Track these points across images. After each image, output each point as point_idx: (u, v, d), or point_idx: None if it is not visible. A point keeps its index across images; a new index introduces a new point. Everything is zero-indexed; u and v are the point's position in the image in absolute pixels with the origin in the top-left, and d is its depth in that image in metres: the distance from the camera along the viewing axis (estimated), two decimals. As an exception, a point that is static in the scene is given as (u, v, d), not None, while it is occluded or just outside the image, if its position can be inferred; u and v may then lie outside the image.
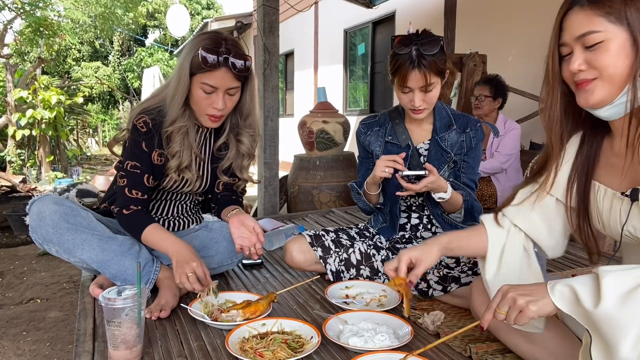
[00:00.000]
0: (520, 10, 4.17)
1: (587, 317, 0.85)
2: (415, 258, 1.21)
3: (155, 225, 1.56)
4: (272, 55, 3.60)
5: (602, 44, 0.89)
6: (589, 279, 0.87)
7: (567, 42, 0.94)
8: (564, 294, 0.89)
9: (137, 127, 1.57)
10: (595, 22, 0.89)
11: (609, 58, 0.89)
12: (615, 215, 1.02)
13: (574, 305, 0.88)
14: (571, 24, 0.93)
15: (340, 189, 3.87)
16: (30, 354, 2.21)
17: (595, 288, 0.85)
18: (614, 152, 1.02)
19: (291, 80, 9.32)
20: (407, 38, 1.61)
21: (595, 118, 0.99)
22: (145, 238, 1.55)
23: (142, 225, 1.55)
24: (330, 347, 1.29)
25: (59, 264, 3.53)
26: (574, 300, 0.88)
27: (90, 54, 20.05)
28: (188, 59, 1.51)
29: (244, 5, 19.01)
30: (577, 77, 0.94)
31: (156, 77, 8.58)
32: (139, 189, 1.59)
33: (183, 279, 1.43)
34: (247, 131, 1.72)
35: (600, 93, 0.92)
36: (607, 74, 0.90)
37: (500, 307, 0.95)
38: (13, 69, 7.15)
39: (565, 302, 0.89)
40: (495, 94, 3.17)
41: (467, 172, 1.76)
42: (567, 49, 0.95)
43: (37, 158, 7.17)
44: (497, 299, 0.97)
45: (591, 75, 0.92)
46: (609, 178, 1.04)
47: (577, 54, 0.92)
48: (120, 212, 1.58)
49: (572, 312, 0.88)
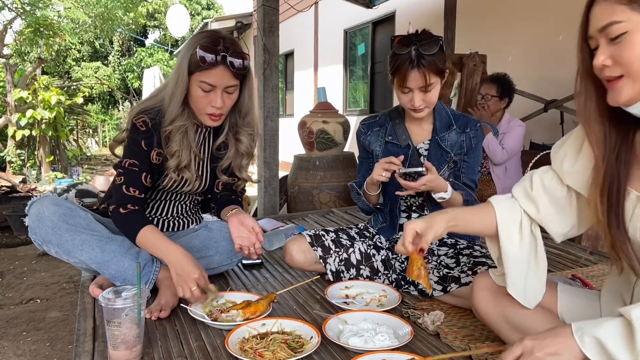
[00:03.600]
0: (520, 10, 4.17)
1: None
2: (420, 229, 1.13)
3: (151, 227, 1.54)
4: (272, 55, 3.60)
5: (626, 35, 0.84)
6: (618, 329, 0.81)
7: (592, 35, 0.90)
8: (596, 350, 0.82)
9: (137, 126, 1.57)
10: (618, 12, 0.84)
11: (634, 51, 0.83)
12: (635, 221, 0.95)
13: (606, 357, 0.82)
14: (595, 15, 0.88)
15: (340, 189, 3.87)
16: (30, 354, 2.21)
17: (629, 340, 0.79)
18: None
19: (291, 80, 9.32)
20: (407, 38, 1.61)
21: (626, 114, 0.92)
22: (140, 240, 1.53)
23: (138, 226, 1.53)
24: (330, 347, 1.29)
25: (59, 264, 3.53)
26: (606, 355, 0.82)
27: (90, 54, 20.05)
28: (186, 57, 1.51)
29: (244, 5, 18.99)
30: (603, 74, 0.89)
31: (156, 77, 8.58)
32: (136, 187, 1.58)
33: (187, 294, 1.43)
34: (246, 130, 1.72)
35: (628, 92, 0.86)
36: (634, 69, 0.84)
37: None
38: (13, 69, 7.15)
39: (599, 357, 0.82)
40: (501, 94, 3.08)
41: (467, 172, 1.76)
42: (594, 42, 0.90)
43: (37, 158, 7.17)
44: (516, 352, 0.89)
45: (617, 73, 0.87)
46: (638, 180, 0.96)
47: (602, 47, 0.88)
48: (117, 210, 1.56)
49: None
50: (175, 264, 1.47)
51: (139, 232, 1.52)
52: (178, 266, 1.46)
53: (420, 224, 1.14)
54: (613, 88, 0.89)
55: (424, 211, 1.81)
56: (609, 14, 0.85)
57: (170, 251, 1.49)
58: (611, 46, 0.86)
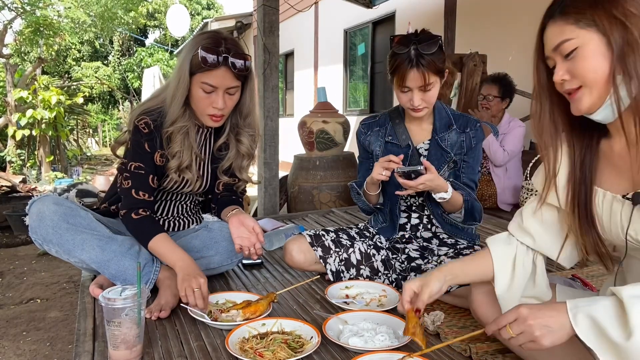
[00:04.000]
0: (520, 10, 4.17)
1: (614, 349, 0.83)
2: (417, 287, 1.18)
3: (164, 235, 1.56)
4: (272, 55, 3.60)
5: (577, 50, 0.91)
6: (610, 307, 0.84)
7: (549, 55, 0.98)
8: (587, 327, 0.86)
9: (139, 128, 1.57)
10: (567, 31, 0.92)
11: (587, 64, 0.91)
12: (615, 218, 1.00)
13: (599, 339, 0.85)
14: (547, 37, 0.96)
15: (340, 189, 3.87)
16: (30, 354, 2.21)
17: (621, 317, 0.82)
18: (615, 153, 1.01)
19: (291, 80, 9.32)
20: (406, 38, 1.61)
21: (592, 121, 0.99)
22: (152, 247, 1.55)
23: (151, 233, 1.55)
24: (330, 347, 1.29)
25: (59, 264, 3.53)
26: (598, 334, 0.85)
27: (90, 54, 20.05)
28: (188, 58, 1.51)
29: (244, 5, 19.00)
30: (563, 88, 0.96)
31: (156, 77, 8.57)
32: (145, 190, 1.59)
33: (189, 293, 1.42)
34: (247, 131, 1.72)
35: (588, 100, 0.93)
36: (589, 79, 0.92)
37: (512, 327, 0.93)
38: (13, 69, 7.15)
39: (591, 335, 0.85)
40: (503, 94, 3.07)
41: (467, 172, 1.76)
42: (552, 62, 0.98)
43: (37, 158, 7.17)
44: (509, 318, 0.94)
45: (575, 84, 0.94)
46: (609, 181, 1.03)
47: (558, 64, 0.95)
48: (128, 216, 1.57)
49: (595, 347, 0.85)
50: (183, 269, 1.47)
51: (152, 239, 1.54)
52: (185, 269, 1.47)
53: (416, 283, 1.19)
54: (574, 99, 0.96)
55: (424, 211, 1.81)
56: (559, 33, 0.93)
57: (182, 259, 1.51)
58: (566, 62, 0.94)
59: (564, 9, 0.92)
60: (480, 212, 1.72)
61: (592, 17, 0.89)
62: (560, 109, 1.02)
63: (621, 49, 0.88)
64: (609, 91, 0.91)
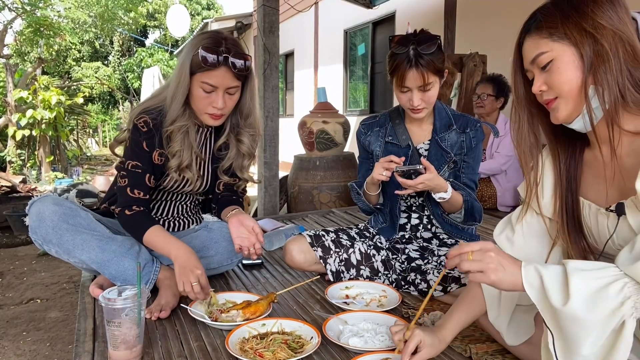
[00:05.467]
0: (520, 10, 4.14)
1: (552, 311, 0.88)
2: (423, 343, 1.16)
3: (158, 227, 1.56)
4: (272, 55, 3.60)
5: (552, 63, 0.95)
6: (558, 273, 0.89)
7: (527, 68, 1.01)
8: (533, 282, 0.91)
9: (138, 127, 1.57)
10: (542, 44, 0.96)
11: (562, 75, 0.94)
12: (603, 230, 1.02)
13: (540, 295, 0.90)
14: (525, 50, 1.00)
15: (340, 189, 3.87)
16: (30, 354, 2.21)
17: (564, 284, 0.87)
18: (599, 163, 1.02)
19: (291, 80, 9.32)
20: (405, 38, 1.61)
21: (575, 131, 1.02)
22: (147, 240, 1.54)
23: (144, 226, 1.54)
24: (330, 348, 1.29)
25: (59, 264, 3.53)
26: (541, 290, 0.90)
27: (90, 54, 20.06)
28: (188, 58, 1.51)
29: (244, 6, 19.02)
30: (542, 98, 1.00)
31: (156, 77, 8.57)
32: (140, 189, 1.59)
33: (187, 288, 1.43)
34: (248, 131, 1.72)
35: (565, 109, 0.97)
36: (565, 90, 0.95)
37: (473, 254, 0.96)
38: (13, 69, 7.15)
39: (534, 290, 0.91)
40: (497, 93, 3.17)
41: (467, 172, 1.76)
42: (531, 74, 1.01)
43: (37, 158, 7.17)
44: (474, 246, 0.97)
45: (552, 95, 0.97)
46: (593, 191, 1.05)
47: (536, 76, 0.99)
48: (122, 213, 1.57)
49: (536, 301, 0.90)
50: (180, 257, 1.47)
51: (146, 232, 1.53)
52: (182, 260, 1.47)
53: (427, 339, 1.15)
54: (551, 109, 1.00)
55: (424, 211, 1.81)
56: (535, 47, 0.97)
57: (177, 246, 1.50)
58: (543, 74, 0.97)
59: (539, 23, 0.97)
60: (480, 213, 1.72)
61: (563, 31, 0.93)
62: (541, 119, 1.06)
63: (592, 60, 0.91)
64: (584, 102, 0.94)
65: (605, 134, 0.95)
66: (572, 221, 1.07)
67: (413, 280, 1.72)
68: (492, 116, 3.22)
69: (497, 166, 3.13)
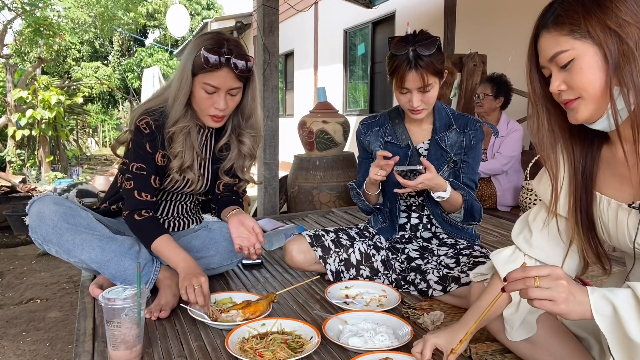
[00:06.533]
0: (520, 10, 4.17)
1: (627, 343, 0.82)
2: (440, 346, 1.15)
3: (167, 237, 1.56)
4: (272, 55, 3.60)
5: (574, 62, 0.89)
6: (631, 300, 0.82)
7: (544, 65, 0.95)
8: (604, 311, 0.84)
9: (140, 129, 1.57)
10: (562, 42, 0.89)
11: (584, 76, 0.88)
12: (622, 227, 0.98)
13: (614, 325, 0.83)
14: (542, 47, 0.94)
15: (340, 189, 3.87)
16: (30, 354, 2.21)
17: (636, 307, 0.81)
18: (618, 160, 0.99)
19: (291, 80, 9.32)
20: (404, 39, 1.60)
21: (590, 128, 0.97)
22: (156, 248, 1.56)
23: (154, 234, 1.55)
24: (330, 347, 1.29)
25: (59, 264, 3.53)
26: (614, 320, 0.83)
27: (90, 54, 20.05)
28: (190, 59, 1.51)
29: (244, 5, 19.01)
30: (560, 98, 0.94)
31: (156, 77, 8.58)
32: (147, 191, 1.59)
33: (189, 290, 1.43)
34: (249, 132, 1.72)
35: (585, 111, 0.91)
36: (587, 92, 0.89)
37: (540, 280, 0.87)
38: (13, 69, 7.15)
39: (606, 320, 0.84)
40: (496, 93, 3.15)
41: (467, 172, 1.76)
42: (547, 71, 0.95)
43: (37, 158, 7.17)
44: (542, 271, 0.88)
45: (573, 95, 0.91)
46: (613, 188, 1.01)
47: (554, 74, 0.93)
48: (131, 217, 1.58)
49: (607, 331, 0.83)
50: (185, 270, 1.48)
51: (155, 240, 1.55)
52: (187, 270, 1.47)
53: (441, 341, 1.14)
54: (570, 109, 0.94)
55: (423, 211, 1.81)
56: (554, 44, 0.90)
57: (185, 260, 1.52)
58: (563, 72, 0.91)
59: (557, 18, 0.90)
60: (480, 212, 1.72)
61: (586, 28, 0.87)
62: (557, 116, 1.00)
63: (617, 60, 0.85)
64: (607, 103, 0.89)
65: (629, 133, 0.90)
66: (584, 218, 1.03)
67: (413, 280, 1.72)
68: (493, 116, 3.20)
69: (498, 166, 3.12)
